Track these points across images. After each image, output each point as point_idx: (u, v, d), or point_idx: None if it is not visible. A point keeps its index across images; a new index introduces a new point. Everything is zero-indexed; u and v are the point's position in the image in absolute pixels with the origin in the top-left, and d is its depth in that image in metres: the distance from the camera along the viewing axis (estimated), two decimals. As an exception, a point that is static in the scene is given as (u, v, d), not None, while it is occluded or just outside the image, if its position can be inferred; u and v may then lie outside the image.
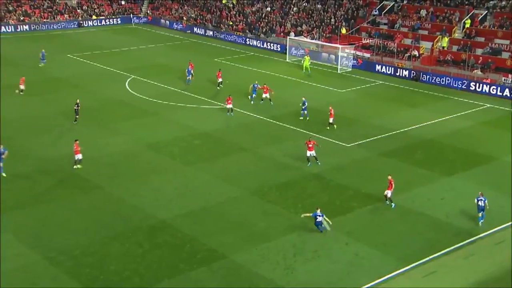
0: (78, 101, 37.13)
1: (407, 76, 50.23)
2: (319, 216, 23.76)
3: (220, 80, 45.30)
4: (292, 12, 68.19)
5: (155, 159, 31.58)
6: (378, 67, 52.64)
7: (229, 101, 38.78)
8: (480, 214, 24.55)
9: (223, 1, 77.01)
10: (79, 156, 29.98)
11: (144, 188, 28.00)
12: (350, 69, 53.37)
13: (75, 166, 29.92)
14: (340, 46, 54.10)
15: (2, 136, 33.48)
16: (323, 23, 62.76)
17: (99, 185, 28.19)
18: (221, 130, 36.41)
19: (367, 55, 55.10)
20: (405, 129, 36.60)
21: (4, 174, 28.79)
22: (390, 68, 51.78)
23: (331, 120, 36.10)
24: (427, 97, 44.68)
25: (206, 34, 71.10)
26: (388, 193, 26.11)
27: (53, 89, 44.98)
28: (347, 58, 54.22)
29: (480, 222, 24.55)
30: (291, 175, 29.61)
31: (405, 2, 60.35)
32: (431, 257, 22.25)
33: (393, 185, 26.06)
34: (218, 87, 45.17)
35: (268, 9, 71.40)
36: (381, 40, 55.20)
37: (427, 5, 58.30)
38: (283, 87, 45.76)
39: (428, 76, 49.10)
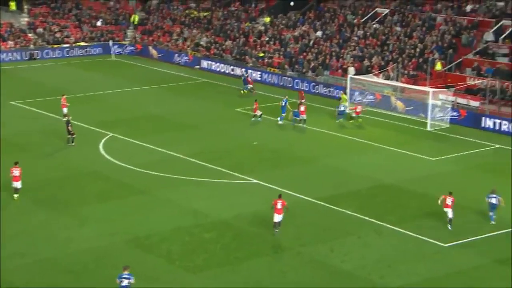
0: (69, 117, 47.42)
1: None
2: None
3: (257, 113, 53.91)
4: (356, 38, 69.26)
5: (143, 262, 31.55)
6: (489, 123, 52.60)
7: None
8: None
9: (246, 24, 78.63)
10: (17, 185, 34.78)
11: (125, 308, 27.93)
12: (447, 126, 53.46)
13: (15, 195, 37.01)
14: (431, 90, 54.30)
15: None
16: (403, 55, 63.55)
17: (54, 302, 28.27)
18: (245, 217, 36.56)
19: (474, 103, 55.17)
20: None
21: None
22: None
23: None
24: None
25: (224, 70, 72.66)
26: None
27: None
28: (442, 108, 54.32)
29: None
30: (355, 291, 29.37)
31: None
32: None
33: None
34: (253, 118, 54.12)
35: (319, 33, 72.71)
36: (498, 81, 55.39)
37: None
38: (343, 152, 45.85)
39: None
